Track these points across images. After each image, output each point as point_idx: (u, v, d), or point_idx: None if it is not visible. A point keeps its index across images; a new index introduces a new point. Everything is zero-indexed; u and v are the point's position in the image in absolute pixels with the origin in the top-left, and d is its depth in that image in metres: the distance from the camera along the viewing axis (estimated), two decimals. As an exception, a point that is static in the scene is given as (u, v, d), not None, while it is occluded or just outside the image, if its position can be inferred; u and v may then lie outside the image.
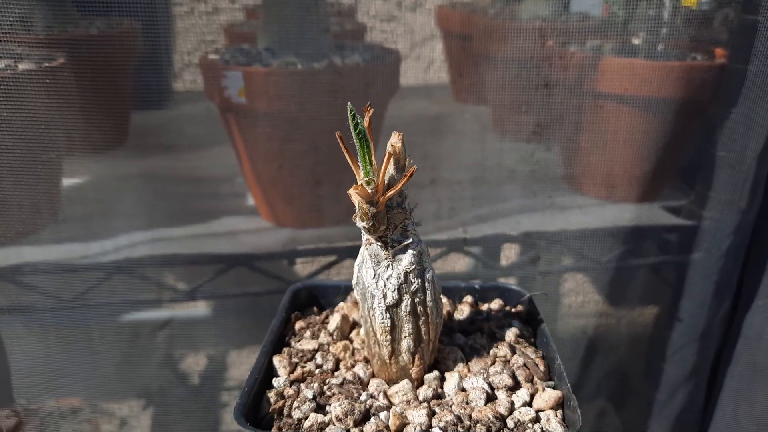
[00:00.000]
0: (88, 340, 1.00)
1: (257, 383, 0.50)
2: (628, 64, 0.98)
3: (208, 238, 1.01)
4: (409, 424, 0.45)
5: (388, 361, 0.49)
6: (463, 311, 0.60)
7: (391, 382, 0.50)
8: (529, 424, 0.45)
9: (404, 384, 0.49)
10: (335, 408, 0.45)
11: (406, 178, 0.45)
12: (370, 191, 0.43)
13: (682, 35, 1.10)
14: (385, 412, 0.46)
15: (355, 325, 0.59)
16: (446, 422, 0.44)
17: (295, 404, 0.47)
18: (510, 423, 0.46)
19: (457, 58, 1.20)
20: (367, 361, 0.52)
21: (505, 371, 0.50)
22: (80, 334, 0.99)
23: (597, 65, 0.98)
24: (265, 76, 0.89)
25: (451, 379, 0.50)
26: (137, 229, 1.02)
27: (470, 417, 0.45)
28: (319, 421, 0.45)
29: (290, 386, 0.50)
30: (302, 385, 0.50)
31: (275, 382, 0.51)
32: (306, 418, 0.46)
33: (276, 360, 0.53)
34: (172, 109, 1.20)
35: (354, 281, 0.49)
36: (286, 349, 0.55)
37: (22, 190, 0.93)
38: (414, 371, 0.49)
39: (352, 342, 0.56)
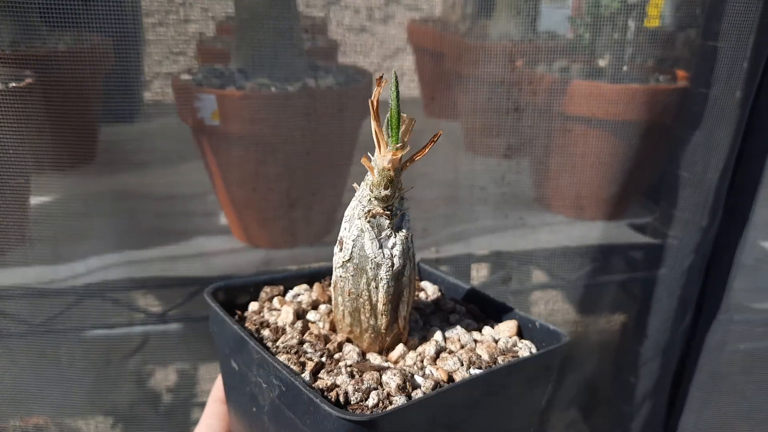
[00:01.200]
0: (57, 365, 0.98)
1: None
2: (596, 87, 1.01)
3: (180, 260, 1.00)
4: (455, 372, 0.47)
5: (384, 331, 0.49)
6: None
7: (384, 352, 0.50)
8: (514, 347, 0.52)
9: (401, 348, 0.50)
10: (386, 382, 0.45)
11: (433, 143, 0.47)
12: (400, 157, 0.44)
13: (646, 56, 1.14)
14: (422, 378, 0.46)
15: (301, 314, 0.55)
16: (470, 360, 0.48)
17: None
18: (502, 346, 0.52)
19: (428, 79, 1.21)
20: (348, 341, 0.51)
21: (464, 319, 0.56)
22: (50, 358, 0.98)
23: (565, 89, 1.00)
24: (239, 99, 0.89)
25: (435, 334, 0.52)
26: (108, 251, 1.01)
27: (476, 353, 0.49)
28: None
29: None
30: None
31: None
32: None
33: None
34: (141, 123, 1.19)
35: (343, 259, 0.48)
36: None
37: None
38: (404, 336, 0.51)
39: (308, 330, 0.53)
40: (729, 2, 0.95)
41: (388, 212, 0.46)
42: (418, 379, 0.46)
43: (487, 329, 0.54)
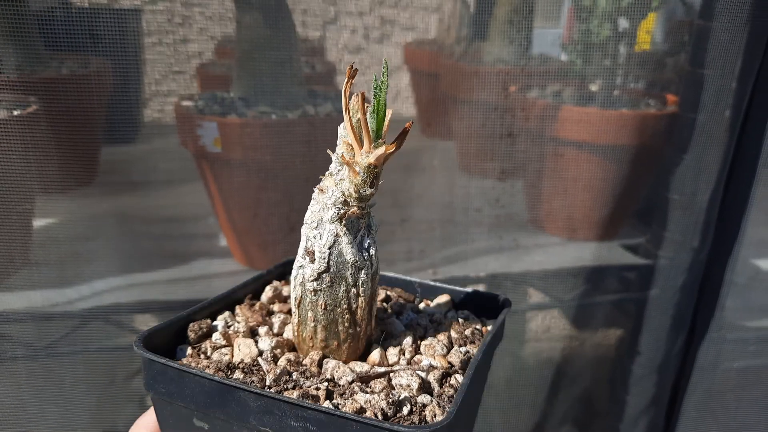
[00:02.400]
0: (60, 386, 1.00)
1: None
2: (586, 114, 1.03)
3: (182, 283, 1.02)
4: (450, 355, 0.47)
5: (362, 335, 0.46)
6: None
7: (362, 358, 0.48)
8: (465, 318, 0.53)
9: (378, 350, 0.47)
10: (405, 385, 0.43)
11: (405, 134, 0.44)
12: (384, 152, 0.42)
13: (636, 81, 1.17)
14: (425, 372, 0.45)
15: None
16: (451, 341, 0.49)
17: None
18: (461, 320, 0.53)
19: (425, 101, 1.24)
20: (324, 357, 0.47)
21: (399, 302, 0.56)
22: (52, 380, 0.99)
23: (557, 115, 1.03)
24: (240, 126, 0.92)
25: (395, 325, 0.51)
26: (111, 274, 1.02)
27: (449, 334, 0.49)
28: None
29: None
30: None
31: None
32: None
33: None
34: (141, 144, 1.21)
35: (318, 271, 0.44)
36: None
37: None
38: (374, 336, 0.48)
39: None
40: (714, 31, 0.98)
41: (364, 212, 0.44)
42: (422, 373, 0.44)
43: (427, 308, 0.54)
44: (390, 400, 0.40)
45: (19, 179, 0.96)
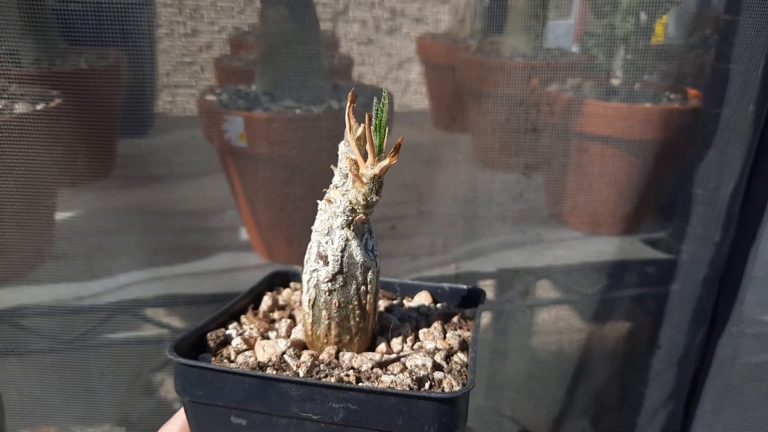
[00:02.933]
0: (86, 380, 1.00)
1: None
2: (612, 108, 1.03)
3: (207, 276, 1.02)
4: (449, 339, 0.51)
5: (370, 328, 0.51)
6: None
7: (371, 348, 0.52)
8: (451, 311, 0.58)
9: (383, 340, 0.52)
10: (421, 365, 0.48)
11: (398, 149, 0.47)
12: (387, 164, 0.47)
13: (658, 75, 1.17)
14: (431, 355, 0.49)
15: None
16: (445, 328, 0.53)
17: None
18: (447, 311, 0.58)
19: (439, 97, 1.24)
20: (338, 351, 0.51)
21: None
22: (79, 374, 1.00)
23: (581, 109, 1.03)
24: (266, 121, 0.92)
25: (391, 319, 0.55)
26: (135, 268, 1.03)
27: (441, 324, 0.54)
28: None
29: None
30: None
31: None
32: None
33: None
34: (156, 136, 1.21)
35: (332, 273, 0.48)
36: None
37: (23, 233, 0.94)
38: (376, 328, 0.53)
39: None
40: (740, 25, 0.98)
41: (368, 216, 0.49)
42: (429, 355, 0.49)
43: (409, 304, 0.58)
44: (414, 377, 0.45)
45: (44, 173, 0.96)
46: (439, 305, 0.59)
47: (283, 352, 0.50)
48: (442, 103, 1.29)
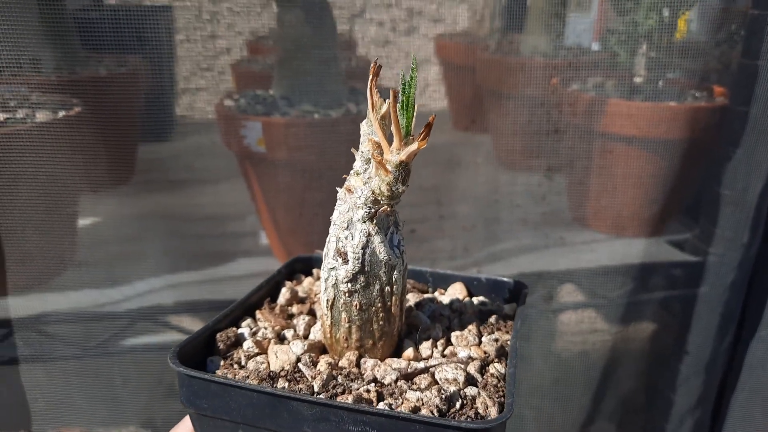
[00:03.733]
0: (109, 386, 1.01)
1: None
2: (636, 108, 1.01)
3: (227, 282, 1.02)
4: (483, 345, 0.47)
5: (395, 331, 0.46)
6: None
7: (398, 354, 0.47)
8: (488, 305, 0.54)
9: (411, 344, 0.46)
10: (451, 379, 0.43)
11: (428, 128, 0.41)
12: (415, 148, 0.41)
13: (682, 72, 1.14)
14: (464, 365, 0.45)
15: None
16: (480, 330, 0.49)
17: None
18: (485, 309, 0.53)
19: (457, 97, 1.23)
20: (360, 356, 0.47)
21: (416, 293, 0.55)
22: (102, 380, 1.00)
23: (604, 109, 1.01)
24: (285, 126, 0.91)
25: (421, 318, 0.50)
26: (155, 274, 1.03)
27: (476, 325, 0.49)
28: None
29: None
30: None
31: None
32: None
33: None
34: (175, 142, 1.21)
35: (352, 272, 0.43)
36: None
37: (45, 241, 0.94)
38: (403, 330, 0.48)
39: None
40: (770, 21, 0.95)
41: (393, 208, 0.43)
42: (462, 366, 0.44)
43: (442, 298, 0.54)
44: (443, 396, 0.40)
45: (66, 181, 0.96)
46: (474, 300, 0.54)
47: (298, 359, 0.45)
48: (461, 103, 1.28)
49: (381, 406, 0.40)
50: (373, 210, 0.43)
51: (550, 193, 1.02)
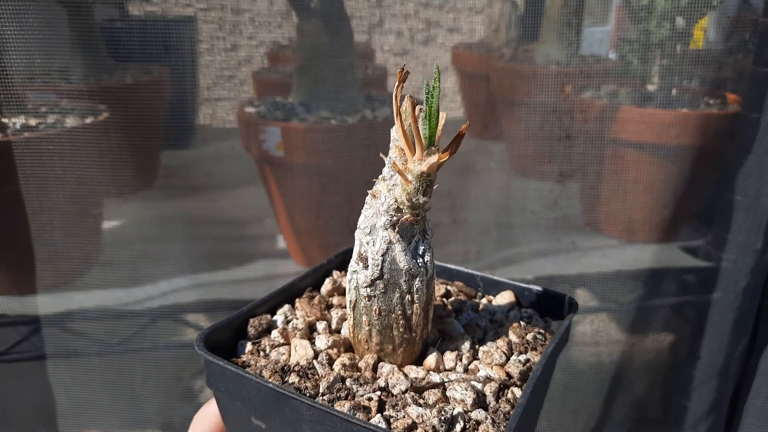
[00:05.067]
0: (130, 383, 1.04)
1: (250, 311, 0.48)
2: (648, 114, 1.02)
3: (247, 283, 1.05)
4: (508, 365, 0.44)
5: (418, 339, 0.45)
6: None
7: (418, 361, 0.46)
8: (533, 319, 0.50)
9: (435, 354, 0.45)
10: (459, 399, 0.42)
11: (458, 139, 0.41)
12: (437, 160, 0.40)
13: (695, 80, 1.15)
14: (481, 384, 0.43)
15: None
16: (510, 347, 0.46)
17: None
18: (524, 321, 0.50)
19: (474, 105, 1.25)
20: (379, 359, 0.47)
21: (459, 297, 0.53)
22: (124, 376, 1.03)
23: (616, 116, 1.03)
24: (303, 132, 0.94)
25: (454, 326, 0.48)
26: (177, 275, 1.06)
27: (509, 339, 0.47)
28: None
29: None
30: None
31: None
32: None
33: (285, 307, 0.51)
34: (197, 148, 1.25)
35: (371, 278, 0.43)
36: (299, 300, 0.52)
37: (72, 241, 0.98)
38: (432, 337, 0.47)
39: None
40: (781, 29, 0.96)
41: (419, 218, 0.42)
42: (477, 385, 0.42)
43: (488, 306, 0.52)
44: (442, 417, 0.39)
45: (93, 184, 1.00)
46: (522, 312, 0.51)
47: (315, 356, 0.45)
48: (475, 110, 1.30)
49: (377, 417, 0.39)
50: (395, 218, 0.42)
51: (562, 198, 1.03)
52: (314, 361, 0.45)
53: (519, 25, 1.47)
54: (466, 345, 0.46)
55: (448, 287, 0.55)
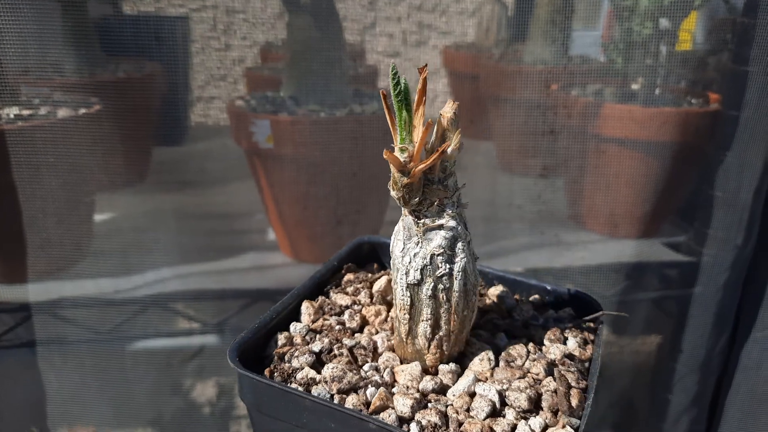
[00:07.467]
0: (121, 370, 1.05)
1: (274, 322, 0.48)
2: (629, 111, 1.05)
3: (234, 273, 1.06)
4: (389, 408, 0.42)
5: (404, 340, 0.46)
6: (522, 311, 0.55)
7: (404, 361, 0.47)
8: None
9: (414, 366, 0.46)
10: (328, 369, 0.44)
11: (436, 154, 0.41)
12: (402, 160, 0.40)
13: (678, 79, 1.18)
14: (375, 389, 0.43)
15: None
16: (428, 421, 0.41)
17: (297, 353, 0.46)
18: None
19: (464, 104, 1.27)
20: (393, 331, 0.49)
21: (528, 390, 0.44)
22: (113, 364, 1.05)
23: (599, 112, 1.05)
24: (291, 124, 0.96)
25: (465, 378, 0.45)
26: (166, 265, 1.08)
27: (459, 424, 0.41)
28: (309, 376, 0.44)
29: (305, 335, 0.49)
30: (316, 336, 0.48)
31: (292, 327, 0.49)
32: (300, 369, 0.45)
33: (304, 305, 0.51)
34: (188, 145, 1.27)
35: (408, 282, 0.44)
36: (320, 298, 0.53)
37: (63, 229, 1.00)
38: (429, 358, 0.46)
39: (389, 308, 0.52)
40: (758, 28, 0.98)
41: (413, 217, 0.43)
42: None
43: (536, 419, 0.48)
44: (342, 376, 0.43)
45: (85, 173, 1.02)
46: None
47: (348, 305, 0.50)
48: (463, 107, 1.33)
49: (316, 347, 0.45)
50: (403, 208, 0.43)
51: (546, 191, 1.06)
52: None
53: (509, 26, 1.49)
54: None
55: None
